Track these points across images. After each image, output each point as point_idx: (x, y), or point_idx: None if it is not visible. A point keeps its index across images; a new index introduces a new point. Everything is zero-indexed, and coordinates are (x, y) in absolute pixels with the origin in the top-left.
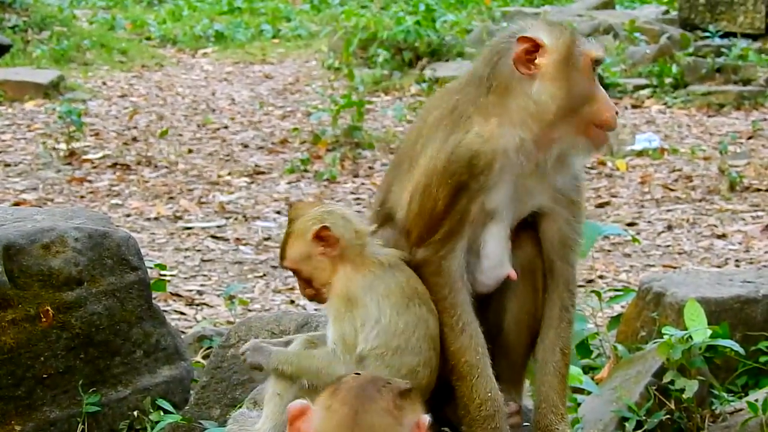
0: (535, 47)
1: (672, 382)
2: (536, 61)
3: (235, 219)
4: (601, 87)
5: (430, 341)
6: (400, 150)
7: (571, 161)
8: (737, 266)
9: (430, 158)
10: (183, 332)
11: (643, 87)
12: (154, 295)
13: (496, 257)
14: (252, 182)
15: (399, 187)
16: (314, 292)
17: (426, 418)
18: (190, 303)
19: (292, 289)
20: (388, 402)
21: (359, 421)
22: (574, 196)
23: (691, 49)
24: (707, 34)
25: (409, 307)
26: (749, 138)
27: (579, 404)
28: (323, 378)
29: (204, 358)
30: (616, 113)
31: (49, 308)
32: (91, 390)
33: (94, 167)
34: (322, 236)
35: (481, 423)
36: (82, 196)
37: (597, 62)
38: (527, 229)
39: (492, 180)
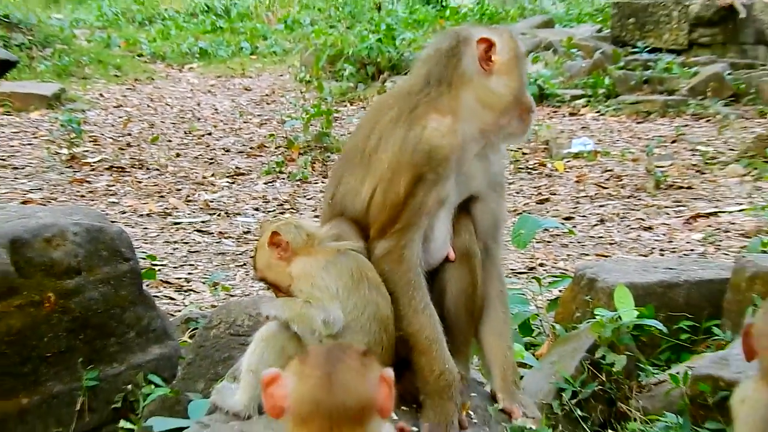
0: (490, 47)
1: (603, 357)
2: (493, 59)
3: (218, 215)
4: None
5: (380, 322)
6: (348, 146)
7: (502, 148)
8: (661, 255)
9: (392, 153)
10: (172, 315)
11: (579, 97)
12: (146, 283)
13: (441, 239)
14: (233, 182)
15: (352, 179)
16: (284, 294)
17: (389, 371)
18: (179, 289)
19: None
20: (355, 361)
21: (334, 380)
22: (501, 179)
23: (621, 63)
24: (636, 49)
25: (359, 290)
26: (673, 142)
27: (522, 377)
28: (303, 321)
29: (190, 338)
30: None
31: (51, 295)
32: (89, 367)
33: (93, 170)
34: (274, 242)
35: (440, 392)
36: (82, 196)
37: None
38: (463, 216)
39: (447, 171)
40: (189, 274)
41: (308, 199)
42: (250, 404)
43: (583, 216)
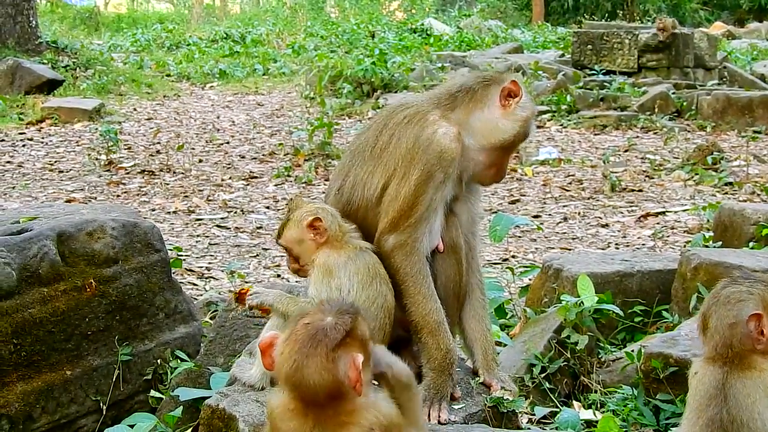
0: (516, 93)
1: (568, 337)
2: (512, 101)
3: (235, 213)
4: None
5: (386, 311)
6: (356, 143)
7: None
8: (617, 248)
9: (406, 149)
10: (195, 299)
11: (545, 112)
12: (172, 271)
13: (435, 232)
14: (248, 184)
15: (361, 171)
16: (299, 267)
17: (359, 357)
18: (201, 276)
19: (279, 266)
20: (323, 357)
21: (303, 368)
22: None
23: (581, 84)
24: (593, 72)
25: (372, 284)
26: (626, 151)
27: (498, 354)
28: None
29: (211, 319)
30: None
31: (92, 281)
32: (124, 344)
33: (127, 173)
34: (314, 225)
35: (443, 369)
36: (118, 196)
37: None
38: (450, 214)
39: (452, 172)
40: (209, 263)
41: (312, 198)
42: (263, 378)
43: (549, 214)
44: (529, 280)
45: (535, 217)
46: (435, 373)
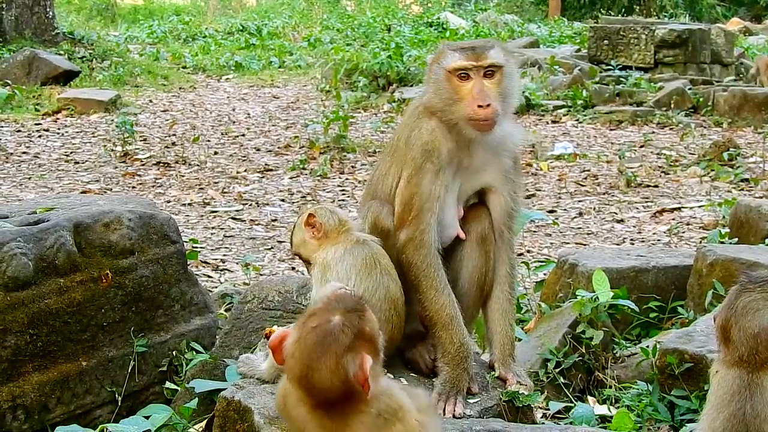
0: (438, 53)
1: (583, 332)
2: (435, 59)
3: (250, 205)
4: (472, 87)
5: (390, 303)
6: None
7: (510, 147)
8: (632, 244)
9: (403, 150)
10: (210, 291)
11: (560, 107)
12: (188, 263)
13: (448, 221)
14: (263, 177)
15: (383, 166)
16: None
17: (368, 359)
18: (216, 268)
19: (293, 258)
20: (332, 361)
21: (310, 371)
22: (514, 176)
23: (597, 79)
24: (609, 67)
25: (371, 275)
26: (641, 146)
27: (515, 349)
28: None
29: (226, 311)
30: (484, 105)
31: (108, 272)
32: (140, 335)
33: (143, 165)
34: (310, 223)
35: (458, 363)
36: (133, 187)
37: (457, 70)
38: (482, 206)
39: (441, 161)
40: (224, 255)
41: (327, 192)
42: (275, 372)
43: (565, 209)
44: (544, 275)
45: (551, 212)
46: (449, 367)
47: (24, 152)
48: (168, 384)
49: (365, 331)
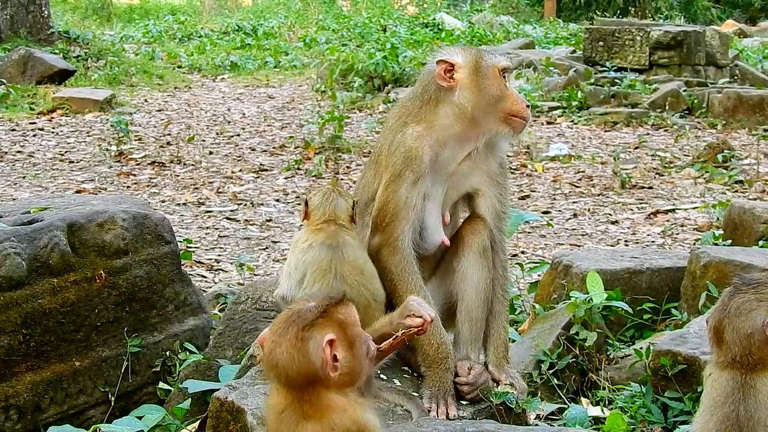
0: (451, 66)
1: (577, 333)
2: (454, 77)
3: (245, 205)
4: (513, 88)
5: None
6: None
7: (497, 151)
8: (626, 245)
9: (385, 156)
10: (204, 291)
11: (555, 108)
12: (182, 263)
13: (432, 227)
14: (258, 177)
15: (368, 173)
16: None
17: (329, 335)
18: (210, 269)
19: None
20: (293, 337)
21: (276, 353)
22: (501, 179)
23: (592, 80)
24: (605, 68)
25: (325, 278)
26: (636, 148)
27: (509, 351)
28: None
29: (220, 311)
30: (528, 105)
31: (102, 272)
32: (133, 335)
33: (138, 164)
34: (305, 201)
35: (439, 363)
36: (128, 187)
37: (504, 70)
38: (479, 218)
39: (422, 169)
40: (219, 255)
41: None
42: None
43: (559, 211)
44: (539, 276)
45: (545, 213)
46: (432, 370)
47: (18, 151)
48: (161, 384)
49: (334, 314)
